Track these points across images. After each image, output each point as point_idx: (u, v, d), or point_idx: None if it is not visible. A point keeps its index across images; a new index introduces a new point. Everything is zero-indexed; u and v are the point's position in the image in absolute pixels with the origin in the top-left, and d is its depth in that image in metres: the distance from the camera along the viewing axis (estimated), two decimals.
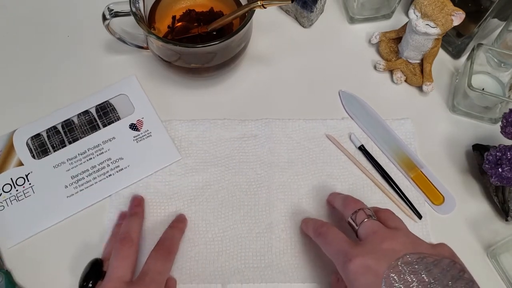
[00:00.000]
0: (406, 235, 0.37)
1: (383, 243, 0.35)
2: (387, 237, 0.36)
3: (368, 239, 0.37)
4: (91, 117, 0.51)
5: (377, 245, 0.35)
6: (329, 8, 0.59)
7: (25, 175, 0.47)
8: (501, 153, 0.43)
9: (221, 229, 0.46)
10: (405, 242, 0.35)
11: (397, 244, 0.35)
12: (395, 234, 0.36)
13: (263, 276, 0.44)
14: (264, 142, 0.50)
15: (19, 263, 0.44)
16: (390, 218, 0.39)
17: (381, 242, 0.36)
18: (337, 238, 0.38)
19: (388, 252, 0.34)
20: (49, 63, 0.55)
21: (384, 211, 0.40)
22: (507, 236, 0.45)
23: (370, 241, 0.36)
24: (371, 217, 0.38)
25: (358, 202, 0.41)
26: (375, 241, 0.36)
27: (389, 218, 0.39)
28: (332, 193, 0.47)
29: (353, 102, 0.53)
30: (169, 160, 0.49)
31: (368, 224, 0.38)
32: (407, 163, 0.49)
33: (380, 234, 0.36)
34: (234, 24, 0.50)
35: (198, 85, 0.54)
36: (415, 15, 0.48)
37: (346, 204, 0.41)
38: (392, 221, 0.39)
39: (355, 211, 0.39)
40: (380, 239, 0.36)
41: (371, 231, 0.37)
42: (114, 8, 0.47)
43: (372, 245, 0.36)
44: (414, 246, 0.35)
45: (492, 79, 0.54)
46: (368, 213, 0.39)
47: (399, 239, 0.36)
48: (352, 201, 0.41)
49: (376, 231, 0.37)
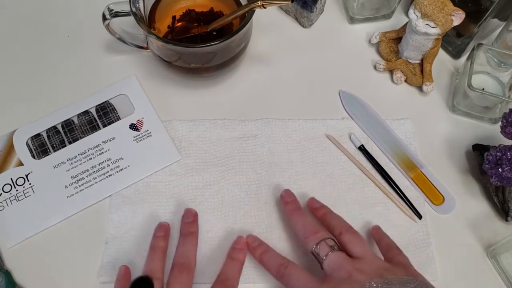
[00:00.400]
0: (371, 263, 0.37)
1: (347, 276, 0.36)
2: (351, 269, 0.36)
3: (334, 275, 0.37)
4: (91, 117, 0.51)
5: (342, 279, 0.36)
6: (329, 8, 0.59)
7: (25, 175, 0.47)
8: (501, 153, 0.43)
9: (222, 228, 0.46)
10: (370, 270, 0.36)
11: (361, 275, 0.36)
12: (359, 264, 0.37)
13: (263, 276, 0.44)
14: (264, 142, 0.50)
15: (19, 263, 0.44)
16: (353, 243, 0.39)
17: (345, 275, 0.36)
18: (302, 278, 0.38)
19: (354, 284, 0.35)
20: (49, 63, 0.55)
21: (346, 234, 0.40)
22: (507, 236, 0.45)
23: (335, 276, 0.37)
24: (334, 248, 0.38)
25: (318, 231, 0.40)
26: (340, 275, 0.36)
27: (352, 243, 0.39)
28: (290, 210, 0.44)
29: (353, 102, 0.53)
30: (169, 160, 0.49)
31: (332, 258, 0.38)
32: (407, 163, 0.49)
33: (344, 267, 0.37)
34: (234, 24, 0.50)
35: (198, 85, 0.54)
36: (415, 15, 0.48)
37: (306, 234, 0.40)
38: (356, 246, 0.39)
39: (317, 243, 0.39)
40: (346, 272, 0.36)
41: (335, 265, 0.37)
42: (114, 8, 0.47)
43: (337, 281, 0.36)
44: (379, 272, 0.36)
45: (492, 79, 0.54)
46: (330, 244, 0.39)
47: (363, 268, 0.36)
48: (312, 231, 0.40)
49: (340, 264, 0.37)
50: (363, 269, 0.36)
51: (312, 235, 0.40)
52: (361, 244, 0.39)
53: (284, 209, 0.45)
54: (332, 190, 0.48)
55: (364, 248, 0.39)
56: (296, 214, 0.43)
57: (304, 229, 0.41)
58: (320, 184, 0.48)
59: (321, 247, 0.39)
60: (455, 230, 0.47)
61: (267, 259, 0.41)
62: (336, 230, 0.40)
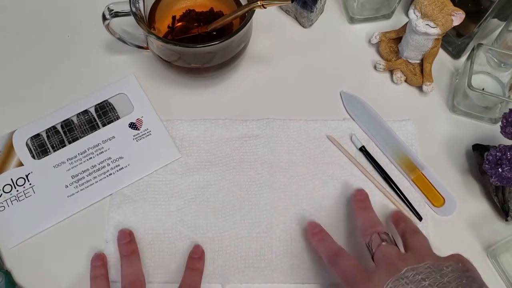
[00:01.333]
0: (418, 255, 0.36)
1: (390, 265, 0.36)
2: (395, 259, 0.36)
3: (379, 265, 0.37)
4: (91, 116, 0.51)
5: (384, 269, 0.36)
6: (329, 8, 0.59)
7: (25, 175, 0.47)
8: (501, 153, 0.43)
9: (222, 228, 0.46)
10: (412, 261, 0.35)
11: (402, 263, 0.35)
12: (406, 255, 0.37)
13: (263, 276, 0.44)
14: (265, 142, 0.50)
15: (19, 263, 0.44)
16: (412, 236, 0.39)
17: (389, 265, 0.36)
18: (350, 266, 0.38)
19: (391, 270, 0.35)
20: (49, 63, 0.55)
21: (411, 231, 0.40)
22: (507, 236, 0.45)
23: (380, 266, 0.37)
24: (386, 240, 0.38)
25: (376, 224, 0.41)
26: (384, 265, 0.36)
27: (411, 236, 0.39)
28: (358, 206, 0.45)
29: (354, 103, 0.53)
30: (169, 158, 0.49)
31: (382, 249, 0.38)
32: (407, 164, 0.49)
33: (390, 257, 0.37)
34: (234, 24, 0.50)
35: (198, 85, 0.54)
36: (415, 15, 0.48)
37: (364, 226, 0.41)
38: (413, 239, 0.39)
39: (371, 235, 0.39)
40: (389, 261, 0.36)
41: (383, 256, 0.37)
42: (114, 8, 0.47)
43: (381, 270, 0.36)
44: (419, 260, 0.35)
45: (492, 79, 0.54)
46: (383, 237, 0.39)
47: (407, 258, 0.36)
48: (368, 225, 0.41)
49: (388, 255, 0.37)
50: (407, 259, 0.36)
51: (369, 228, 0.40)
52: (419, 237, 0.39)
53: (352, 205, 0.45)
54: (332, 191, 0.48)
55: (421, 240, 0.39)
56: (362, 210, 0.44)
57: (363, 222, 0.42)
58: (320, 184, 0.48)
59: (373, 239, 0.39)
60: (455, 230, 0.47)
61: (322, 245, 0.42)
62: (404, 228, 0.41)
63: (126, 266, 0.42)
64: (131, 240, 0.44)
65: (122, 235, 0.44)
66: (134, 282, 0.41)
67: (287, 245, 0.45)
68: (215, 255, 0.45)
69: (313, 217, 0.46)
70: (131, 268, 0.42)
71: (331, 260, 0.40)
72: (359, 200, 0.45)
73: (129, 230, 0.45)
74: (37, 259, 0.44)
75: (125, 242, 0.44)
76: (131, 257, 0.43)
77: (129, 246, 0.44)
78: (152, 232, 0.45)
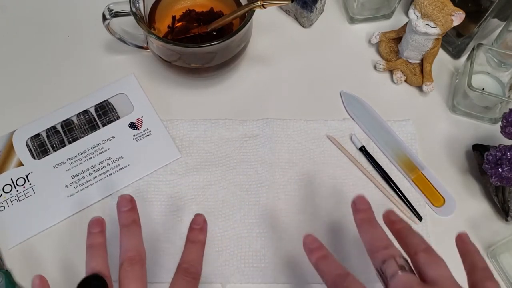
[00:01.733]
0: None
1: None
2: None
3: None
4: (91, 116, 0.51)
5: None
6: (329, 8, 0.59)
7: (25, 175, 0.47)
8: (501, 153, 0.43)
9: (222, 228, 0.46)
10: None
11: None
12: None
13: (263, 276, 0.44)
14: (265, 142, 0.50)
15: (19, 263, 0.44)
16: (430, 264, 0.33)
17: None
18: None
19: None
20: (49, 63, 0.55)
21: (423, 254, 0.33)
22: (507, 236, 0.45)
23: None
24: (404, 267, 0.32)
25: (389, 246, 0.34)
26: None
27: (429, 264, 0.32)
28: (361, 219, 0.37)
29: (354, 103, 0.53)
30: (169, 158, 0.49)
31: (401, 280, 0.31)
32: (407, 164, 0.49)
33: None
34: (234, 24, 0.50)
35: (198, 85, 0.54)
36: (415, 15, 0.48)
37: (374, 247, 0.34)
38: (432, 268, 0.32)
39: (384, 260, 0.32)
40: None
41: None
42: (114, 8, 0.47)
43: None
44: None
45: (492, 79, 0.54)
46: (400, 262, 0.32)
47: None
48: (381, 246, 0.34)
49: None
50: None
51: (381, 250, 0.33)
52: (439, 267, 0.32)
53: (354, 218, 0.38)
54: (332, 191, 0.48)
55: (443, 271, 0.32)
56: (367, 225, 0.36)
57: (372, 242, 0.35)
58: (320, 184, 0.48)
59: (388, 265, 0.32)
60: (455, 230, 0.47)
61: (325, 265, 0.35)
62: (412, 249, 0.34)
63: (125, 238, 0.37)
64: (132, 208, 0.38)
65: (122, 201, 0.39)
66: (133, 258, 0.36)
67: (287, 245, 0.45)
68: (215, 255, 0.45)
69: (313, 217, 0.46)
70: (130, 241, 0.37)
71: (338, 284, 0.33)
72: (362, 211, 0.38)
73: (130, 196, 0.39)
74: (37, 259, 0.44)
75: (125, 210, 0.38)
76: (131, 228, 0.37)
77: (129, 214, 0.38)
78: (152, 232, 0.45)
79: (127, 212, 0.38)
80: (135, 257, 0.36)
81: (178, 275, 0.36)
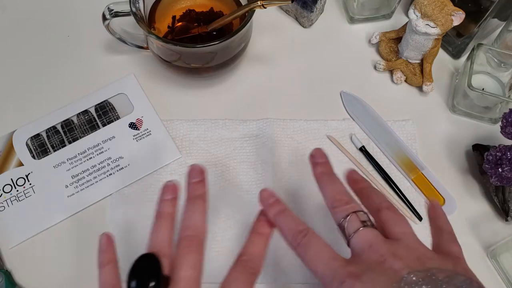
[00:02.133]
0: (409, 247, 0.30)
1: (380, 260, 0.29)
2: (386, 252, 0.29)
3: (362, 256, 0.30)
4: (91, 116, 0.51)
5: (373, 263, 0.29)
6: (329, 8, 0.59)
7: (25, 175, 0.47)
8: (501, 153, 0.43)
9: (222, 229, 0.46)
10: (408, 257, 0.29)
11: (398, 262, 0.29)
12: (396, 247, 0.30)
13: (263, 276, 0.44)
14: (265, 142, 0.50)
15: (19, 263, 0.44)
16: (392, 220, 0.32)
17: (378, 260, 0.29)
18: (323, 252, 0.31)
19: (388, 272, 0.28)
20: (48, 63, 0.55)
21: (386, 211, 0.32)
22: (507, 236, 0.45)
23: (365, 258, 0.30)
24: (366, 223, 0.31)
25: (350, 201, 0.33)
26: (370, 258, 0.30)
27: (391, 221, 0.32)
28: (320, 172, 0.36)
29: (354, 103, 0.53)
30: (169, 158, 0.49)
31: (363, 235, 0.31)
32: (407, 164, 0.49)
33: (377, 248, 0.30)
34: (234, 24, 0.50)
35: (198, 85, 0.54)
36: (415, 15, 0.48)
37: (334, 202, 0.33)
38: (395, 225, 0.32)
39: (346, 215, 0.32)
40: (377, 255, 0.29)
41: (366, 244, 0.30)
42: (114, 8, 0.47)
43: (367, 264, 0.29)
44: (420, 260, 0.29)
45: (492, 79, 0.54)
46: (362, 218, 0.32)
47: (401, 254, 0.29)
48: (342, 200, 0.33)
49: (372, 244, 0.30)
50: (400, 254, 0.29)
51: (342, 205, 0.32)
52: (402, 224, 0.32)
53: (312, 171, 0.36)
54: None
55: (405, 228, 0.32)
56: (326, 178, 0.35)
57: (333, 196, 0.33)
58: None
59: (350, 221, 0.31)
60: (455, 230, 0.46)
61: (283, 221, 0.34)
62: (375, 207, 0.33)
63: (188, 213, 0.34)
64: (201, 180, 0.36)
65: (192, 171, 0.36)
66: (190, 237, 0.33)
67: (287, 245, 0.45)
68: (215, 255, 0.45)
69: (312, 218, 0.46)
70: (192, 218, 0.34)
71: (298, 241, 0.32)
72: (320, 164, 0.36)
73: (202, 167, 0.36)
74: (37, 259, 0.44)
75: (194, 181, 0.36)
76: (196, 202, 0.35)
77: (197, 187, 0.35)
78: None
79: (196, 184, 0.36)
80: (193, 237, 0.33)
81: (236, 267, 0.33)
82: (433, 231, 0.35)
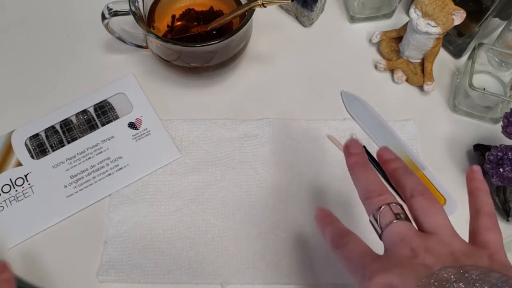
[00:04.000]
0: (443, 241, 0.29)
1: (412, 255, 0.28)
2: (417, 247, 0.28)
3: (393, 250, 0.29)
4: (90, 116, 0.51)
5: (404, 258, 0.28)
6: (330, 7, 0.59)
7: (24, 175, 0.47)
8: (502, 153, 0.43)
9: (221, 229, 0.46)
10: (441, 252, 0.28)
11: (430, 257, 0.28)
12: (428, 241, 0.29)
13: (263, 277, 0.44)
14: (265, 142, 0.50)
15: (19, 263, 0.44)
16: (426, 210, 0.31)
17: (409, 254, 0.28)
18: (359, 250, 0.30)
19: (418, 267, 0.27)
20: (48, 63, 0.54)
21: (419, 198, 0.31)
22: (508, 236, 0.45)
23: (396, 253, 0.29)
24: (400, 216, 0.30)
25: (384, 192, 0.32)
26: (402, 252, 0.29)
27: (425, 211, 0.31)
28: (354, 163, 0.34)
29: (355, 103, 0.52)
30: (169, 158, 0.49)
31: (395, 230, 0.30)
32: (408, 164, 0.49)
33: (409, 242, 0.29)
34: (234, 23, 0.50)
35: (198, 85, 0.53)
36: (416, 14, 0.48)
37: (367, 193, 0.32)
38: (428, 215, 0.30)
39: (379, 207, 0.31)
40: (409, 249, 0.28)
41: (398, 238, 0.29)
42: (113, 7, 0.47)
43: (398, 259, 0.28)
44: (454, 256, 0.28)
45: (493, 79, 0.54)
46: (396, 210, 0.30)
47: (434, 249, 0.28)
48: (376, 191, 0.32)
49: (404, 238, 0.29)
50: (433, 249, 0.28)
51: (375, 196, 0.31)
52: (436, 214, 0.30)
53: (346, 161, 0.35)
54: (333, 191, 0.48)
55: (440, 219, 0.30)
56: (360, 169, 0.34)
57: (365, 188, 0.32)
58: (321, 185, 0.48)
59: (383, 213, 0.30)
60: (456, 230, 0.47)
61: (327, 228, 0.34)
62: (407, 191, 0.32)
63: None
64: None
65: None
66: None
67: (287, 245, 0.45)
68: (215, 256, 0.44)
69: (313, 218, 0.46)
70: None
71: (336, 243, 0.32)
72: (355, 155, 0.35)
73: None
74: (37, 259, 0.44)
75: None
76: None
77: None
78: (152, 233, 0.45)
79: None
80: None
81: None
82: (472, 212, 0.32)
